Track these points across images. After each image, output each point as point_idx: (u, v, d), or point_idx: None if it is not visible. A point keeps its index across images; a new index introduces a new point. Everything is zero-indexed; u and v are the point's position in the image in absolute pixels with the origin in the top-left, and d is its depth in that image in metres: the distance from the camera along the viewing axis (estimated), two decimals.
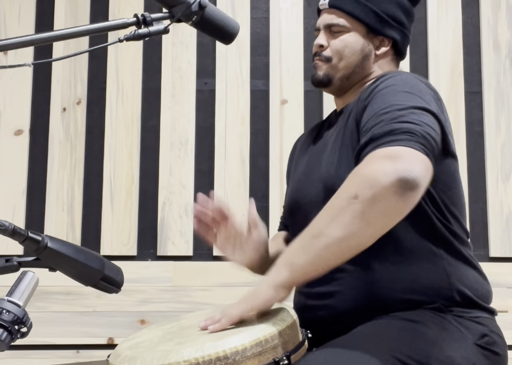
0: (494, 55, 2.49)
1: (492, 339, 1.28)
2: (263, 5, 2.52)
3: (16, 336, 1.03)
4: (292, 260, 1.13)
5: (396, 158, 1.09)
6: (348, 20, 1.45)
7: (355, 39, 1.46)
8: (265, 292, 1.13)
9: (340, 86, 1.49)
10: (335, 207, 1.11)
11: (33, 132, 2.43)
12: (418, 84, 1.30)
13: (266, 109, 2.45)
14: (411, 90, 1.26)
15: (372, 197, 1.07)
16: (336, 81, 1.47)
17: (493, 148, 2.43)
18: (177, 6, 1.06)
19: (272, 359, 1.06)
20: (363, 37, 1.46)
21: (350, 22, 1.45)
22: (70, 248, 1.08)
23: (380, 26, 1.46)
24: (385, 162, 1.09)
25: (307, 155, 1.53)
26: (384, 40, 1.48)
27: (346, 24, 1.45)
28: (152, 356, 1.05)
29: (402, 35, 1.50)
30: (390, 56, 1.51)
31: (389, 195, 1.07)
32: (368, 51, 1.47)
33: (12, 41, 0.95)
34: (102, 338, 2.28)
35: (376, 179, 1.07)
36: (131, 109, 2.44)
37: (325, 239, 1.10)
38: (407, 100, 1.23)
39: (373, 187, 1.07)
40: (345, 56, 1.46)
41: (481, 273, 1.39)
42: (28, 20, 2.47)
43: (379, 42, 1.48)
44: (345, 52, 1.46)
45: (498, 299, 1.46)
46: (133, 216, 2.37)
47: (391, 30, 1.48)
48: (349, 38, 1.45)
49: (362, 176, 1.10)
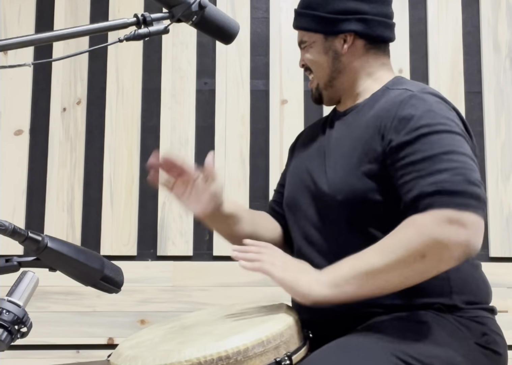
0: (494, 55, 2.49)
1: (492, 338, 1.29)
2: (263, 5, 2.52)
3: (16, 336, 1.03)
4: (341, 286, 1.19)
5: (468, 227, 1.15)
6: (306, 34, 1.52)
7: (316, 49, 1.51)
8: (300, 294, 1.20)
9: (330, 95, 1.54)
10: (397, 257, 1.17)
11: (33, 132, 2.43)
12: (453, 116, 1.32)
13: (266, 109, 2.45)
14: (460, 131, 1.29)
15: (439, 260, 1.17)
16: (324, 93, 1.54)
17: (493, 148, 2.43)
18: (177, 6, 1.06)
19: (274, 359, 1.06)
20: (323, 44, 1.50)
21: (308, 36, 1.52)
22: (70, 248, 1.08)
23: (331, 27, 1.48)
24: (458, 230, 1.15)
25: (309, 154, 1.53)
26: (346, 36, 1.48)
27: (306, 39, 1.52)
28: (153, 355, 1.05)
29: (362, 22, 1.47)
30: (362, 47, 1.49)
31: (454, 260, 1.17)
32: (334, 54, 1.49)
33: (12, 41, 0.95)
34: (102, 338, 2.28)
35: (448, 247, 1.15)
36: (131, 109, 2.44)
37: (380, 281, 1.18)
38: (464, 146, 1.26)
39: (443, 253, 1.16)
40: (316, 65, 1.52)
41: (480, 272, 1.39)
42: (28, 20, 2.47)
43: (342, 40, 1.48)
44: (314, 62, 1.52)
45: (498, 299, 1.47)
46: (133, 216, 2.37)
47: (345, 24, 1.47)
48: (312, 49, 1.52)
49: (434, 239, 1.15)
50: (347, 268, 1.20)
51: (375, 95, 1.44)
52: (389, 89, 1.43)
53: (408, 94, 1.34)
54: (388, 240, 1.19)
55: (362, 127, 1.38)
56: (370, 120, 1.37)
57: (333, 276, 1.20)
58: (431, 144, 1.24)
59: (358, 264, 1.20)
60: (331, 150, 1.43)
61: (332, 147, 1.44)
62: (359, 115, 1.43)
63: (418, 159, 1.23)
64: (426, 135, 1.25)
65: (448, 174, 1.19)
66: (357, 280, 1.18)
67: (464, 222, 1.15)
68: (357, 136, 1.37)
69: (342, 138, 1.43)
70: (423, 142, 1.25)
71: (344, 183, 1.35)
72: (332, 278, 1.20)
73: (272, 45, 2.48)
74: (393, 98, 1.36)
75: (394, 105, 1.33)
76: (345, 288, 1.18)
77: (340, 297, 1.19)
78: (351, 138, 1.39)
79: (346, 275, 1.19)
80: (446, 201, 1.16)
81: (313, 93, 1.56)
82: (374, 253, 1.19)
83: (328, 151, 1.44)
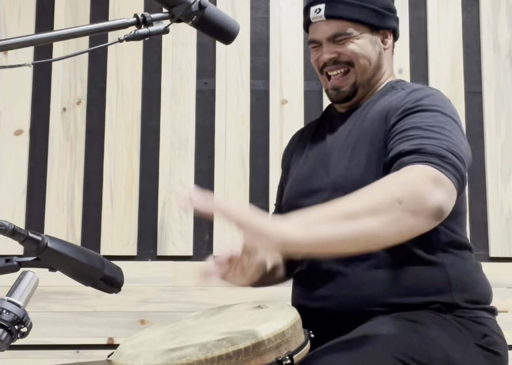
0: (494, 55, 2.49)
1: (493, 339, 1.29)
2: (263, 5, 2.52)
3: (16, 336, 1.03)
4: (315, 225, 1.06)
5: (443, 188, 1.15)
6: (353, 25, 1.43)
7: (365, 41, 1.45)
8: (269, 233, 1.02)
9: (365, 92, 1.48)
10: (376, 200, 1.11)
11: (33, 132, 2.43)
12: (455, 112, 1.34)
13: (266, 109, 2.45)
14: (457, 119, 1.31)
15: (413, 209, 1.11)
16: (360, 90, 1.46)
17: (493, 148, 2.43)
18: (177, 6, 1.06)
19: (275, 358, 1.06)
20: (370, 37, 1.46)
21: (355, 27, 1.43)
22: (70, 248, 1.08)
23: (381, 22, 1.47)
24: (435, 186, 1.14)
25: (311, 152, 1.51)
26: (386, 33, 1.49)
27: (352, 30, 1.43)
28: (155, 354, 1.05)
29: (397, 22, 1.53)
30: (391, 45, 1.53)
31: (424, 215, 1.12)
32: (379, 48, 1.48)
33: (12, 41, 0.95)
34: (102, 338, 2.28)
35: (423, 197, 1.12)
36: (131, 109, 2.44)
37: (358, 225, 1.07)
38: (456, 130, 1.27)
39: (418, 202, 1.12)
40: (363, 58, 1.44)
41: (481, 273, 1.39)
42: (28, 20, 2.47)
43: (384, 36, 1.49)
44: (361, 55, 1.44)
45: (498, 299, 1.46)
46: (133, 216, 2.37)
47: (389, 21, 1.49)
48: (359, 42, 1.44)
49: (412, 187, 1.13)
50: (320, 210, 1.10)
51: (381, 92, 1.46)
52: (393, 87, 1.44)
53: (414, 87, 1.39)
54: (367, 189, 1.16)
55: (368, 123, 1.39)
56: (375, 116, 1.38)
57: (305, 217, 1.08)
58: (424, 117, 1.27)
59: (333, 207, 1.10)
60: (335, 149, 1.43)
61: (336, 145, 1.44)
62: (363, 112, 1.44)
63: (407, 128, 1.26)
64: (422, 111, 1.28)
65: (433, 141, 1.21)
66: (333, 221, 1.07)
67: (445, 183, 1.16)
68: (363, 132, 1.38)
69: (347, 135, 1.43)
70: (417, 115, 1.27)
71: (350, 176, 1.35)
72: (304, 218, 1.08)
73: (272, 45, 2.48)
74: (398, 96, 1.38)
75: (398, 99, 1.36)
76: (321, 228, 1.05)
77: (315, 239, 1.06)
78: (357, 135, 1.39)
79: (321, 215, 1.08)
80: (429, 159, 1.18)
81: (344, 90, 1.46)
82: (351, 198, 1.13)
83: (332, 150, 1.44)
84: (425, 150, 1.19)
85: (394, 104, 1.35)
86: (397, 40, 1.56)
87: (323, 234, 1.06)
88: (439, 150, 1.19)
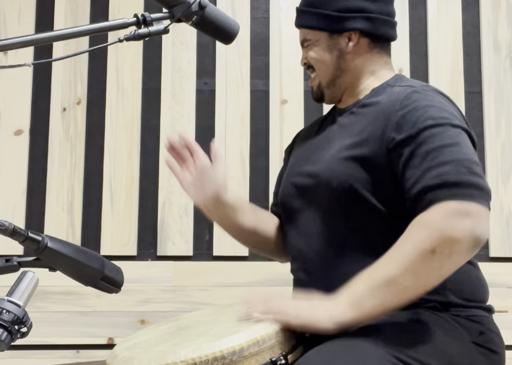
0: (494, 55, 2.49)
1: (489, 337, 1.29)
2: (263, 5, 2.52)
3: (16, 336, 1.03)
4: (361, 302, 1.15)
5: (473, 217, 1.15)
6: (311, 32, 1.51)
7: (321, 47, 1.50)
8: (323, 323, 1.15)
9: (332, 94, 1.53)
10: (408, 257, 1.15)
11: (33, 132, 2.43)
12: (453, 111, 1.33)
13: (266, 109, 2.45)
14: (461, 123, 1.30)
15: (449, 254, 1.15)
16: (326, 91, 1.53)
17: (493, 148, 2.43)
18: (177, 6, 1.06)
19: (269, 358, 1.06)
20: (327, 42, 1.49)
21: (312, 34, 1.51)
22: (70, 248, 1.08)
23: (336, 25, 1.47)
24: (464, 220, 1.15)
25: (305, 149, 1.54)
26: (350, 35, 1.48)
27: (310, 37, 1.51)
28: (149, 356, 1.05)
29: (367, 20, 1.47)
30: (366, 46, 1.49)
31: (464, 251, 1.16)
32: (339, 52, 1.49)
33: (12, 41, 0.95)
34: (102, 338, 2.28)
35: (456, 239, 1.14)
36: (131, 109, 2.44)
37: (398, 287, 1.15)
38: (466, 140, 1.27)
39: (452, 245, 1.14)
40: (320, 64, 1.51)
41: (477, 271, 1.39)
42: (28, 20, 2.47)
43: (347, 38, 1.48)
44: (317, 60, 1.51)
45: (498, 299, 1.47)
46: (133, 216, 2.37)
47: (350, 23, 1.47)
48: (316, 48, 1.51)
49: (441, 233, 1.14)
50: (362, 283, 1.18)
51: (375, 91, 1.45)
52: (391, 86, 1.43)
53: (411, 89, 1.35)
54: (398, 244, 1.19)
55: (363, 122, 1.38)
56: (371, 115, 1.37)
57: (350, 295, 1.17)
58: (434, 137, 1.25)
59: (372, 275, 1.18)
60: (330, 144, 1.43)
61: (331, 141, 1.44)
62: (359, 111, 1.44)
63: (421, 153, 1.24)
64: (429, 128, 1.26)
65: (451, 166, 1.19)
66: (376, 292, 1.15)
67: (469, 212, 1.15)
68: (357, 131, 1.37)
69: (340, 133, 1.43)
70: (425, 135, 1.25)
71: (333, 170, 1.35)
72: (350, 297, 1.17)
73: (272, 45, 2.48)
74: (396, 95, 1.36)
75: (396, 100, 1.34)
76: (366, 303, 1.15)
77: (363, 315, 1.16)
78: (350, 133, 1.39)
79: (363, 290, 1.16)
80: (450, 193, 1.17)
81: (314, 91, 1.55)
82: (386, 261, 1.18)
83: (327, 145, 1.44)
84: (447, 182, 1.18)
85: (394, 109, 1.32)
86: (387, 40, 1.52)
87: (370, 308, 1.16)
88: (460, 176, 1.18)
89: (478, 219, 1.16)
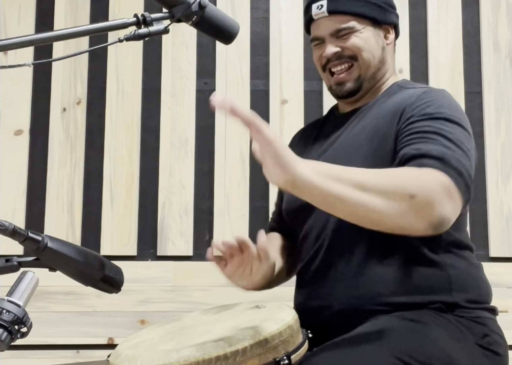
0: (494, 55, 2.49)
1: (493, 339, 1.29)
2: (263, 5, 2.52)
3: (16, 336, 1.03)
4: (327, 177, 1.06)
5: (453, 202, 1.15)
6: (355, 19, 1.43)
7: (369, 35, 1.44)
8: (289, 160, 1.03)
9: (369, 87, 1.47)
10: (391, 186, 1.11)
11: (33, 132, 2.43)
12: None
13: (266, 109, 2.45)
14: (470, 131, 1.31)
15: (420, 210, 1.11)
16: (365, 85, 1.46)
17: (493, 148, 2.43)
18: (177, 6, 1.06)
19: (273, 359, 1.05)
20: (373, 31, 1.46)
21: (358, 22, 1.43)
22: (70, 248, 1.08)
23: (384, 17, 1.48)
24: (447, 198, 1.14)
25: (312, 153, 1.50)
26: (388, 28, 1.49)
27: (355, 24, 1.43)
28: (152, 355, 1.05)
29: (398, 18, 1.53)
30: (393, 42, 1.53)
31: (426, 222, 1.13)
32: (382, 43, 1.48)
33: (12, 41, 0.95)
34: (102, 338, 2.28)
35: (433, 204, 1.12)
36: (131, 109, 2.44)
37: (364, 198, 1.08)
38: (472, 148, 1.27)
39: (427, 206, 1.12)
40: (366, 53, 1.43)
41: (481, 273, 1.39)
42: (28, 20, 2.47)
43: (386, 31, 1.49)
44: (364, 49, 1.43)
45: (498, 299, 1.46)
46: (133, 216, 2.37)
47: (391, 17, 1.50)
48: (362, 35, 1.44)
49: (428, 189, 1.13)
50: (337, 168, 1.11)
51: (388, 91, 1.45)
52: (403, 87, 1.44)
53: (427, 89, 1.38)
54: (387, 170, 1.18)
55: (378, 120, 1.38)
56: (388, 113, 1.36)
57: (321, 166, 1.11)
58: (446, 127, 1.26)
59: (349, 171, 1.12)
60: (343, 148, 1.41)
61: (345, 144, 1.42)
62: (372, 111, 1.42)
63: (431, 131, 1.24)
64: (444, 119, 1.27)
65: (456, 155, 1.20)
66: (344, 183, 1.07)
67: (455, 199, 1.16)
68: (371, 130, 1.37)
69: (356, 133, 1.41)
70: (440, 122, 1.26)
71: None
72: (320, 167, 1.10)
73: (272, 45, 2.48)
74: (412, 93, 1.37)
75: (413, 96, 1.35)
76: (330, 182, 1.06)
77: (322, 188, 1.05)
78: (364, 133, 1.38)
79: (336, 172, 1.09)
80: (449, 172, 1.17)
81: (348, 85, 1.45)
82: (369, 172, 1.15)
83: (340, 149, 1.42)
84: (448, 161, 1.19)
85: (411, 102, 1.34)
86: (397, 38, 1.55)
87: (331, 188, 1.06)
88: (460, 167, 1.19)
89: (455, 210, 1.16)
